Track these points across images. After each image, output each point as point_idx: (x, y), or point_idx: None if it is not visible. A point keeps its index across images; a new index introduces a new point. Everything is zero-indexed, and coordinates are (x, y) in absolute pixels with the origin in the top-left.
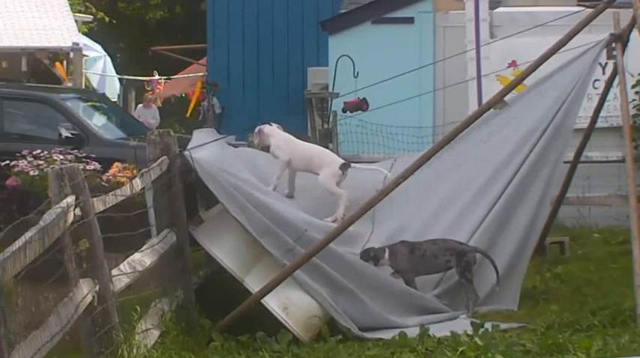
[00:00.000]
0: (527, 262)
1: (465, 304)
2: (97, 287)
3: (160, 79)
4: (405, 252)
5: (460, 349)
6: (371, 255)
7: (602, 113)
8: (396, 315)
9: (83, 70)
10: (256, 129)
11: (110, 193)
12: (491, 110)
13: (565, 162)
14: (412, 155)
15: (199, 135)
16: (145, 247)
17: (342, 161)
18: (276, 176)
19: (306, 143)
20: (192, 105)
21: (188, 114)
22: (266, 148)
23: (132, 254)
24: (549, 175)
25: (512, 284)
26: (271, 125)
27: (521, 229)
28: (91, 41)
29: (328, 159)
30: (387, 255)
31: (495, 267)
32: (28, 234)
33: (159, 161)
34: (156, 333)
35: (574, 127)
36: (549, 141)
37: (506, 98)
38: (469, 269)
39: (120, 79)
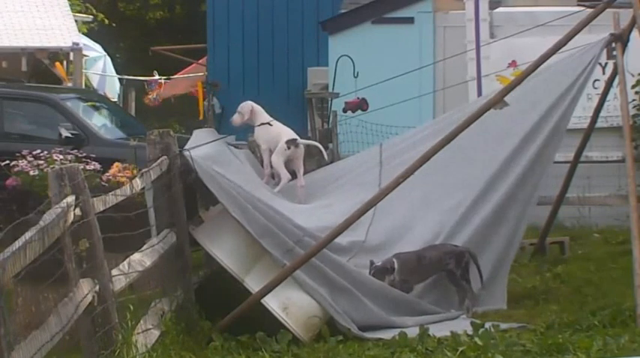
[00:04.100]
0: (511, 263)
1: (459, 305)
2: (97, 287)
3: (160, 78)
4: (412, 263)
5: (460, 349)
6: (388, 268)
7: (602, 113)
8: (395, 315)
9: (83, 70)
10: (245, 107)
11: (110, 193)
12: (491, 110)
13: (565, 162)
14: (398, 138)
15: (199, 135)
16: (145, 247)
17: (291, 137)
18: (265, 164)
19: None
20: (201, 106)
21: (202, 117)
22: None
23: (132, 254)
24: (541, 174)
25: (500, 283)
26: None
27: (509, 230)
28: (91, 41)
29: (283, 136)
30: (396, 265)
31: (479, 271)
32: (28, 234)
33: (159, 161)
34: (156, 333)
35: (574, 127)
36: (544, 141)
37: (506, 98)
38: (467, 271)
39: (120, 79)
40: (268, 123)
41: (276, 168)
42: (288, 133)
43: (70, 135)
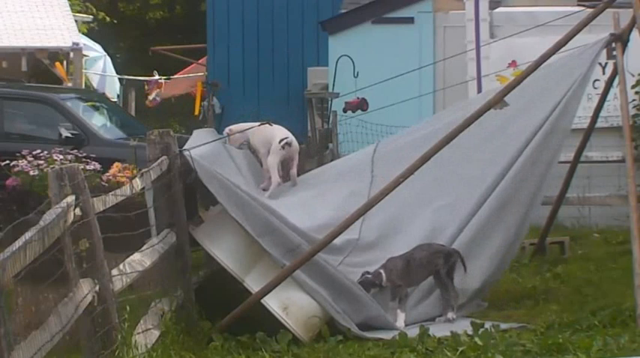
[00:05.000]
0: (507, 266)
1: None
2: (97, 287)
3: (160, 78)
4: (400, 267)
5: (460, 349)
6: (375, 282)
7: (602, 113)
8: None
9: (83, 70)
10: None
11: (110, 193)
12: (491, 110)
13: (565, 162)
14: (395, 135)
15: (199, 135)
16: (145, 247)
17: (283, 136)
18: (265, 169)
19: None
20: (197, 104)
21: (196, 113)
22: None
23: (132, 254)
24: (543, 175)
25: (492, 283)
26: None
27: (507, 232)
28: (91, 41)
29: (276, 136)
30: (384, 276)
31: (465, 267)
32: (28, 234)
33: (159, 161)
34: (156, 333)
35: (574, 127)
36: (544, 141)
37: (506, 98)
38: (453, 270)
39: (120, 79)
40: (268, 123)
41: (270, 169)
42: (281, 133)
43: (70, 135)
